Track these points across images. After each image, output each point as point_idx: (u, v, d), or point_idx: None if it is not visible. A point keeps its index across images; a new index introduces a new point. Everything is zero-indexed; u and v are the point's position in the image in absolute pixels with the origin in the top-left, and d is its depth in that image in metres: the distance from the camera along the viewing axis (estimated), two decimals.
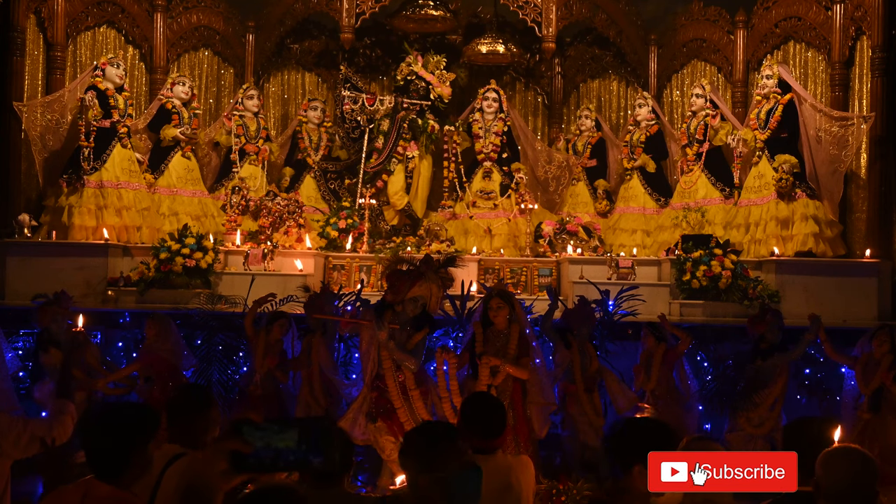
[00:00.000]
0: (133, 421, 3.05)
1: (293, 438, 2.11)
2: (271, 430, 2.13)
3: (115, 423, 3.02)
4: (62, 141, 10.54)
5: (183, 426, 3.73)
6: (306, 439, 2.12)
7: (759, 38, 11.24)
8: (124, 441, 2.98)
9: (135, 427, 3.03)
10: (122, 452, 2.97)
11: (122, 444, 2.98)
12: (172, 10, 11.49)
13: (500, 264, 10.38)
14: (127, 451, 2.98)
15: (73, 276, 9.52)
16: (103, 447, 2.98)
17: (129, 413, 3.12)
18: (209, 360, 8.38)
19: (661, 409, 7.48)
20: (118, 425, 3.01)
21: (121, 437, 2.99)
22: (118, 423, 3.02)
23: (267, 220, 10.45)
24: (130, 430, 3.01)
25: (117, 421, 3.03)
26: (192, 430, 3.71)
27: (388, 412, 6.61)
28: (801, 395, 8.69)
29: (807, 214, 10.09)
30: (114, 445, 2.97)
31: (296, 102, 12.20)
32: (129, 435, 3.00)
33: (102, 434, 3.00)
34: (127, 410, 3.19)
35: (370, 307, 6.87)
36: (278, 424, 2.14)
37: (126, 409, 3.23)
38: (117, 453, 2.97)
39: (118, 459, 2.97)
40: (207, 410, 3.80)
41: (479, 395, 4.61)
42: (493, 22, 11.79)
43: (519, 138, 11.81)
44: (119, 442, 2.98)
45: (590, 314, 7.72)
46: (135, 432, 3.02)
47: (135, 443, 3.00)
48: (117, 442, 2.98)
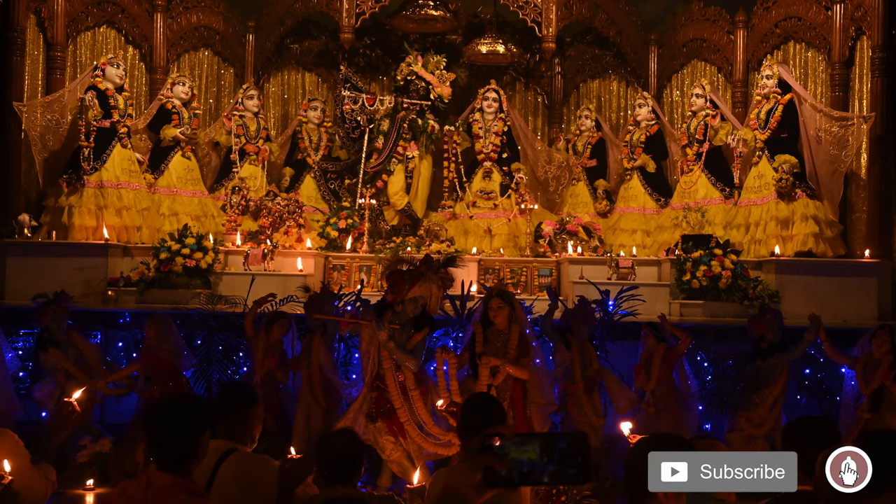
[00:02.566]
0: (195, 413, 3.20)
1: (535, 450, 2.11)
2: (514, 442, 2.14)
3: (178, 416, 3.16)
4: (62, 141, 10.53)
5: (233, 422, 3.82)
6: (549, 451, 2.11)
7: (759, 38, 11.24)
8: (187, 432, 3.13)
9: (196, 419, 3.18)
10: (185, 443, 3.12)
11: (184, 436, 3.12)
12: (172, 10, 11.49)
13: (500, 264, 10.37)
14: (189, 442, 3.12)
15: (73, 276, 9.53)
16: (167, 438, 3.12)
17: (191, 405, 3.25)
18: (209, 360, 8.40)
19: (661, 409, 7.49)
20: (182, 417, 3.15)
21: (184, 428, 3.13)
22: (182, 416, 3.16)
23: (267, 220, 10.45)
24: (193, 421, 3.16)
25: (181, 413, 3.17)
26: (241, 425, 3.82)
27: (388, 412, 6.61)
28: (801, 395, 8.70)
29: (807, 214, 10.09)
30: (177, 437, 3.12)
31: (296, 102, 12.20)
32: (192, 426, 3.15)
33: (167, 426, 3.14)
34: (189, 403, 3.32)
35: (370, 307, 6.87)
36: (521, 437, 2.15)
37: (188, 401, 3.37)
38: (180, 444, 3.11)
39: (181, 450, 3.11)
40: (256, 406, 3.90)
41: (479, 396, 4.61)
42: (493, 22, 11.79)
43: (519, 138, 11.81)
44: (182, 433, 3.12)
45: (590, 314, 7.72)
46: (196, 424, 3.16)
47: (196, 434, 3.14)
48: (181, 433, 3.12)
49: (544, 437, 2.13)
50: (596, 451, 7.31)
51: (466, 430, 3.88)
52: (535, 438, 2.13)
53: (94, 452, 7.39)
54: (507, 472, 2.12)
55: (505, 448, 2.13)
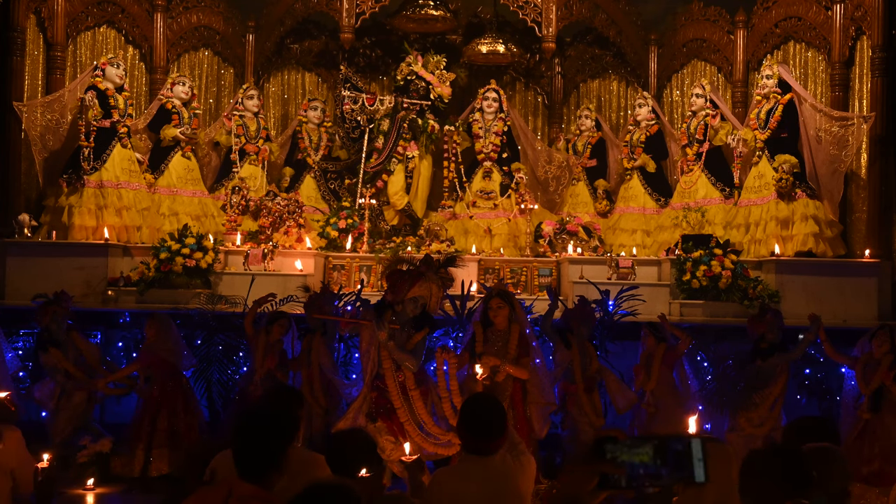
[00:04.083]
0: (283, 426, 3.17)
1: (648, 453, 2.08)
2: (627, 445, 2.11)
3: (264, 427, 3.13)
4: (62, 141, 10.53)
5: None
6: (663, 454, 2.08)
7: (759, 38, 11.24)
8: (272, 444, 3.10)
9: (282, 430, 3.15)
10: (269, 454, 3.09)
11: (269, 447, 3.09)
12: (172, 10, 11.48)
13: (500, 264, 10.37)
14: (273, 454, 3.09)
15: (73, 276, 9.53)
16: (252, 449, 3.09)
17: (281, 418, 3.22)
18: (209, 360, 8.41)
19: (661, 409, 7.48)
20: (268, 428, 3.13)
21: (269, 439, 3.10)
22: (268, 427, 3.13)
23: (267, 220, 10.45)
24: (278, 433, 3.13)
25: (267, 424, 3.14)
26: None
27: (388, 412, 6.60)
28: (801, 395, 8.70)
29: (807, 214, 10.09)
30: (262, 447, 3.08)
31: (296, 102, 12.20)
32: (277, 438, 3.12)
33: (252, 436, 3.11)
34: (279, 415, 3.27)
35: (370, 307, 6.86)
36: (634, 440, 2.12)
37: (278, 413, 3.31)
38: (264, 455, 3.08)
39: (264, 461, 3.08)
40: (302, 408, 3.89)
41: (480, 396, 4.60)
42: (493, 22, 11.78)
43: (519, 138, 11.81)
44: (267, 444, 3.09)
45: (590, 314, 7.71)
46: (282, 436, 3.14)
47: (281, 446, 3.11)
48: (266, 444, 3.09)
49: (658, 439, 2.10)
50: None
51: (467, 430, 3.89)
52: (649, 441, 2.10)
53: (94, 452, 7.40)
54: (621, 476, 2.10)
55: (618, 452, 2.11)
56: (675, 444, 2.07)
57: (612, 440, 2.12)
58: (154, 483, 7.44)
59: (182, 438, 7.60)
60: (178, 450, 7.55)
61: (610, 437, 2.14)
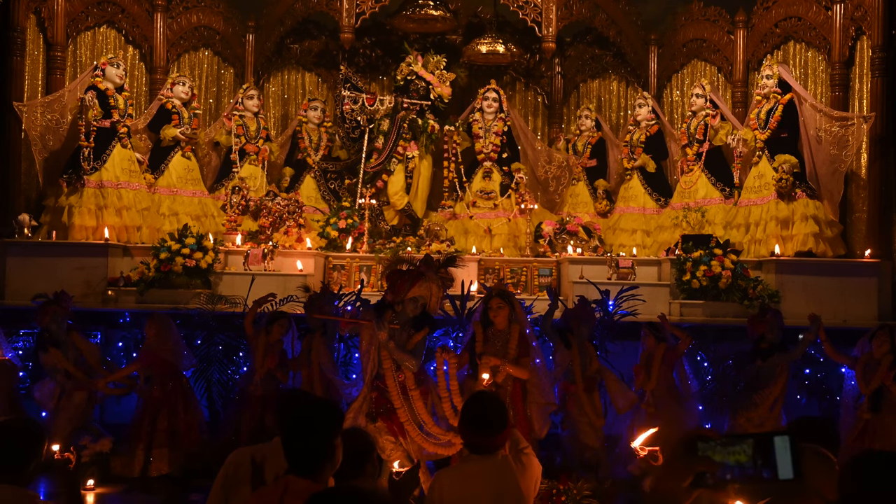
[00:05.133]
0: (330, 417, 3.19)
1: (747, 452, 2.09)
2: (721, 443, 2.11)
3: (315, 422, 3.15)
4: (62, 141, 10.53)
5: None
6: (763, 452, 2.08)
7: (759, 38, 11.24)
8: (323, 439, 3.12)
9: (332, 426, 3.17)
10: (321, 450, 3.13)
11: (321, 442, 3.12)
12: (172, 10, 11.49)
13: (500, 264, 10.37)
14: (325, 449, 3.12)
15: (73, 276, 9.53)
16: (305, 445, 3.12)
17: (327, 412, 3.24)
18: (209, 360, 8.41)
19: (661, 409, 7.48)
20: (319, 424, 3.15)
21: (321, 435, 3.13)
22: (318, 422, 3.15)
23: (267, 220, 10.45)
24: (329, 428, 3.16)
25: (318, 420, 3.16)
26: None
27: (388, 412, 6.59)
28: (801, 395, 8.70)
29: (807, 214, 10.09)
30: (314, 443, 3.12)
31: (296, 102, 12.20)
32: (328, 433, 3.14)
33: (304, 433, 3.13)
34: (324, 407, 3.31)
35: (370, 307, 6.85)
36: (729, 438, 2.12)
37: (323, 408, 3.33)
38: (317, 450, 3.12)
39: (317, 456, 3.12)
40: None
41: (481, 395, 4.60)
42: (493, 22, 11.78)
43: (519, 138, 11.81)
44: (319, 440, 3.13)
45: (590, 314, 7.71)
46: (332, 431, 3.16)
47: (332, 441, 3.14)
48: (317, 440, 3.12)
49: (758, 437, 2.10)
50: (596, 451, 7.31)
51: (469, 426, 3.88)
52: (747, 439, 2.10)
53: (94, 452, 7.39)
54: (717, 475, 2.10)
55: (711, 450, 2.11)
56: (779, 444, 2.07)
57: (705, 438, 2.12)
58: (154, 483, 7.44)
59: (182, 438, 7.60)
60: (178, 450, 7.55)
61: (702, 436, 2.13)
